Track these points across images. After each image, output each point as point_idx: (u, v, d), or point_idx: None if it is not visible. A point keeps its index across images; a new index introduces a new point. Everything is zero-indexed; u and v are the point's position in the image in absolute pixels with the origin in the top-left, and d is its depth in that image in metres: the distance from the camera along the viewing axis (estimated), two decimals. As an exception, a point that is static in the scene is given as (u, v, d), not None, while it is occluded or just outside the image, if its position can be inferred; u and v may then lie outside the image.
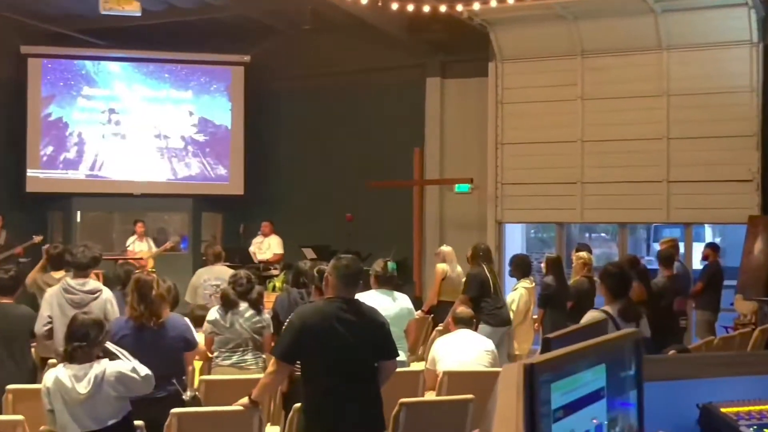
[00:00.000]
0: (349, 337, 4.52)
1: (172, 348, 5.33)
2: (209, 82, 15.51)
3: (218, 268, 8.76)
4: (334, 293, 4.63)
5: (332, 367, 4.53)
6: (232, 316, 6.57)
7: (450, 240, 12.87)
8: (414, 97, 14.24)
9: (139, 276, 5.44)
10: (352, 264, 4.66)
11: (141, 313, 5.25)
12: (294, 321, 4.65)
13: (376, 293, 6.67)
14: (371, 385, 4.65)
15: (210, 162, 15.41)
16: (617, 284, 5.54)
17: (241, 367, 6.51)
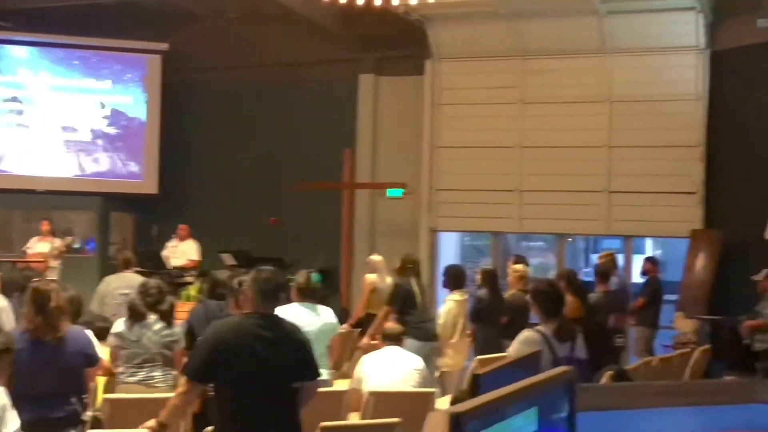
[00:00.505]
0: (267, 356, 4.46)
1: (72, 364, 5.18)
2: (123, 71, 15.21)
3: (128, 276, 8.58)
4: (253, 308, 4.57)
5: (248, 388, 4.45)
6: (140, 329, 6.42)
7: (381, 247, 12.86)
8: (346, 95, 14.19)
9: (36, 285, 5.27)
10: (273, 277, 4.60)
11: (37, 325, 5.09)
12: (208, 337, 4.56)
13: (298, 307, 6.61)
14: (290, 407, 4.59)
15: (122, 158, 15.11)
16: (550, 303, 5.60)
17: (148, 384, 6.36)
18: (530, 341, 5.41)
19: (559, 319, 5.54)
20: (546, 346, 5.36)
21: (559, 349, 5.41)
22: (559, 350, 5.41)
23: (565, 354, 5.42)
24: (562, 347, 5.44)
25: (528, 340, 5.44)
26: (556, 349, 5.40)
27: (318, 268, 12.24)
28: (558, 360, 5.32)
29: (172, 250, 13.19)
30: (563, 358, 5.36)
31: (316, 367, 4.78)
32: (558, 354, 5.39)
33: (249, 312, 4.59)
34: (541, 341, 5.38)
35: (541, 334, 5.43)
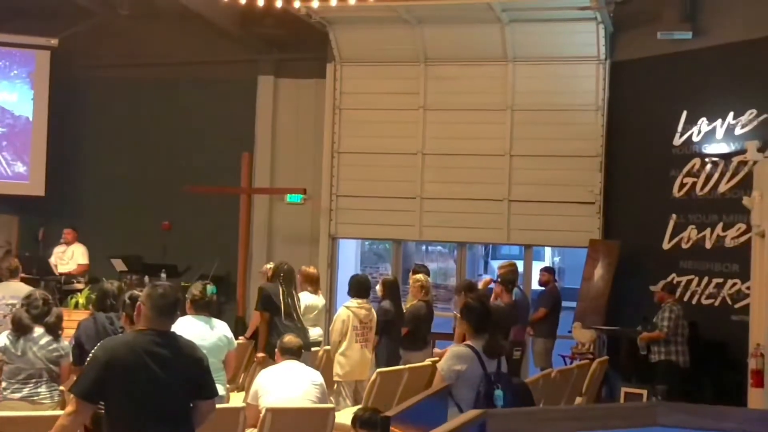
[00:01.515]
0: (162, 374, 4.35)
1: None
2: (9, 67, 14.71)
3: (15, 285, 8.30)
4: (147, 324, 4.45)
5: (141, 408, 4.34)
6: (25, 343, 6.24)
7: (279, 254, 12.77)
8: (244, 96, 14.05)
9: None
10: (169, 293, 4.50)
11: None
12: (98, 355, 4.43)
13: (193, 320, 6.50)
14: (185, 427, 4.50)
15: (7, 157, 14.61)
16: (479, 319, 5.69)
17: (33, 401, 6.20)
18: (462, 356, 5.50)
19: (487, 335, 5.61)
20: (476, 361, 5.45)
21: (488, 364, 5.49)
22: (488, 365, 5.48)
23: (494, 369, 5.49)
24: (491, 363, 5.52)
25: (459, 354, 5.52)
26: (486, 364, 5.48)
27: (212, 276, 12.10)
28: (488, 375, 5.41)
29: (59, 256, 12.79)
30: (492, 374, 5.44)
31: (214, 385, 4.69)
32: (488, 369, 5.46)
33: (143, 328, 4.47)
34: (472, 356, 5.46)
35: (472, 350, 5.50)
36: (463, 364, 5.46)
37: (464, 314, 5.80)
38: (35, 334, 6.25)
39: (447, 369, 5.48)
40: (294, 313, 8.35)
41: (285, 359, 6.69)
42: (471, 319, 5.72)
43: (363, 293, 8.82)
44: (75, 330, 6.74)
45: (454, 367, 5.47)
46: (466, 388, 5.40)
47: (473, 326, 5.68)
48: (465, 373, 5.45)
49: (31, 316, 6.29)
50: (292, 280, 8.54)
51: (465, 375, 5.45)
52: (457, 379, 5.46)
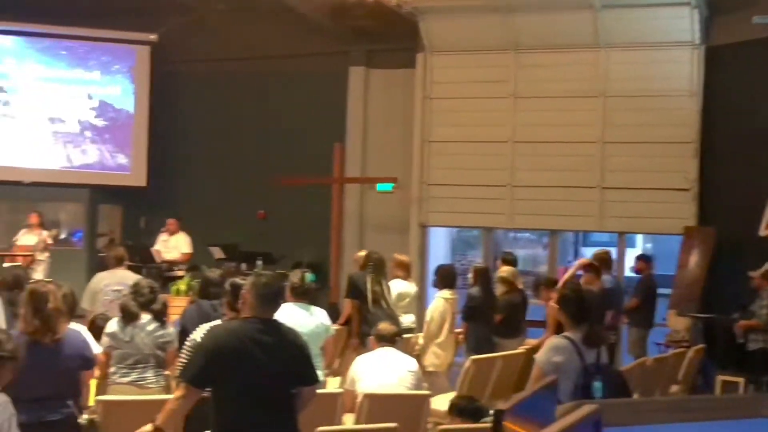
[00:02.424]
0: (266, 361, 4.47)
1: (69, 367, 5.17)
2: (111, 62, 15.14)
3: (121, 273, 8.55)
4: (251, 313, 4.57)
5: (246, 393, 4.46)
6: (133, 329, 6.43)
7: (370, 242, 12.87)
8: (336, 88, 14.16)
9: (34, 287, 5.25)
10: (272, 282, 4.61)
11: (36, 328, 5.08)
12: (206, 342, 4.57)
13: (292, 307, 6.62)
14: (288, 412, 4.60)
15: (110, 149, 15.06)
16: (578, 309, 5.53)
17: (140, 385, 6.37)
18: (560, 348, 5.35)
19: (587, 325, 5.47)
20: (574, 352, 5.32)
21: (587, 355, 5.36)
22: (587, 357, 5.37)
23: (593, 361, 5.37)
24: (590, 353, 5.38)
25: (557, 346, 5.37)
26: (585, 355, 5.35)
27: (307, 263, 12.27)
28: (586, 366, 5.30)
29: (164, 244, 13.18)
30: (591, 365, 5.32)
31: (315, 371, 4.80)
32: (586, 360, 5.34)
33: (247, 316, 4.59)
34: (570, 348, 5.35)
35: (569, 341, 5.39)
36: (561, 356, 5.36)
37: (562, 305, 5.69)
38: (142, 320, 6.44)
39: (545, 361, 5.40)
40: (382, 301, 8.42)
41: (380, 346, 6.77)
42: (568, 309, 5.59)
43: (451, 283, 8.86)
44: (179, 316, 6.96)
45: (552, 359, 5.38)
46: (565, 380, 5.29)
47: (571, 317, 5.56)
48: (563, 365, 5.33)
49: (138, 304, 6.47)
50: (381, 268, 8.62)
51: (563, 367, 5.33)
52: (555, 371, 5.37)
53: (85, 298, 8.54)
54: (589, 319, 5.55)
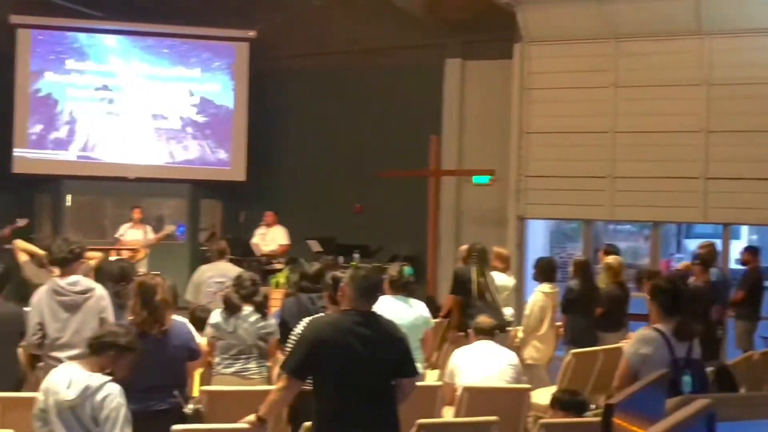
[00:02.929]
0: (366, 353, 4.49)
1: (175, 357, 5.29)
2: (211, 59, 15.42)
3: (223, 265, 8.73)
4: (350, 305, 4.60)
5: (346, 385, 4.50)
6: (236, 321, 6.54)
7: (467, 235, 12.83)
8: (432, 80, 14.14)
9: (143, 279, 5.41)
10: (371, 275, 4.63)
11: (143, 319, 5.22)
12: (306, 334, 4.62)
13: (391, 299, 6.63)
14: (388, 404, 4.62)
15: (210, 145, 15.35)
16: (670, 301, 5.38)
17: (243, 376, 6.48)
18: (648, 340, 5.23)
19: (678, 317, 5.34)
20: (664, 345, 5.20)
21: (677, 348, 5.24)
22: (677, 350, 5.24)
23: (683, 355, 5.24)
24: (681, 347, 5.25)
25: (645, 338, 5.26)
26: (675, 348, 5.22)
27: (403, 256, 12.29)
28: (676, 360, 5.17)
29: (261, 237, 13.38)
30: (681, 359, 5.19)
31: (414, 363, 4.80)
32: (676, 354, 5.22)
33: (347, 309, 4.62)
34: (659, 340, 5.23)
35: (659, 333, 5.27)
36: (648, 348, 5.23)
37: (653, 296, 5.57)
38: (244, 312, 6.55)
39: (632, 353, 5.29)
40: (487, 293, 8.39)
41: (479, 339, 6.74)
42: (660, 301, 5.46)
43: (551, 276, 8.78)
44: (278, 309, 7.05)
45: (639, 351, 5.26)
46: (653, 373, 5.18)
47: (662, 308, 5.43)
48: (651, 358, 5.20)
49: (240, 296, 6.59)
50: (485, 259, 8.59)
51: (651, 359, 5.19)
52: (642, 364, 5.24)
53: (189, 290, 8.75)
54: (682, 311, 5.40)
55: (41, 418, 4.55)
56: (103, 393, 4.49)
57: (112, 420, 4.46)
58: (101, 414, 4.45)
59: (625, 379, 5.26)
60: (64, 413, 4.48)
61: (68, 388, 4.47)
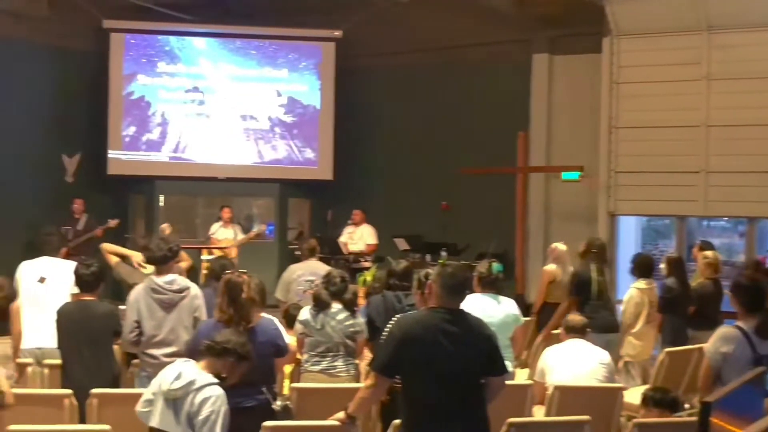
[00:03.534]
0: (454, 351, 4.45)
1: (262, 354, 5.34)
2: (298, 59, 15.55)
3: (313, 263, 8.79)
4: (438, 303, 4.57)
5: (435, 383, 4.47)
6: (324, 318, 6.58)
7: (556, 232, 12.71)
8: (519, 76, 14.02)
9: (229, 277, 5.47)
10: (458, 272, 4.59)
11: (230, 316, 5.29)
12: (394, 332, 4.60)
13: (480, 297, 6.59)
14: (477, 402, 4.58)
15: (298, 145, 15.48)
16: (752, 298, 5.27)
17: (331, 374, 6.51)
18: (728, 338, 5.15)
19: (761, 314, 5.22)
20: (746, 343, 5.09)
21: (760, 346, 5.11)
22: (760, 348, 5.11)
23: (766, 352, 5.12)
24: (764, 345, 5.13)
25: (726, 336, 5.16)
26: (757, 346, 5.11)
27: (491, 254, 12.20)
28: (759, 358, 5.04)
29: (349, 236, 13.45)
30: (765, 357, 5.07)
31: (503, 361, 4.74)
32: (759, 352, 5.09)
33: (434, 306, 4.59)
34: (740, 338, 5.11)
35: (740, 331, 5.15)
36: (729, 346, 5.10)
37: (734, 293, 5.42)
38: (333, 309, 6.58)
39: (713, 351, 5.16)
40: (605, 293, 8.33)
41: (570, 338, 6.64)
42: (741, 298, 5.32)
43: (648, 272, 8.61)
44: (364, 307, 7.07)
45: (720, 349, 5.13)
46: (732, 372, 5.03)
47: (744, 306, 5.29)
48: (732, 356, 5.08)
49: (329, 293, 6.63)
50: (603, 255, 8.50)
51: (731, 357, 5.08)
52: (723, 362, 5.12)
53: (279, 288, 8.84)
54: (763, 308, 5.25)
55: (149, 401, 4.72)
56: (205, 393, 4.57)
57: (211, 422, 4.53)
58: (200, 414, 4.53)
59: (706, 379, 5.16)
60: (168, 403, 4.61)
61: (176, 380, 4.60)
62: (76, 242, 12.61)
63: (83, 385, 5.68)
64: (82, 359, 6.00)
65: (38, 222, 11.52)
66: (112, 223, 12.93)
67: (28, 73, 13.83)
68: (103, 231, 12.81)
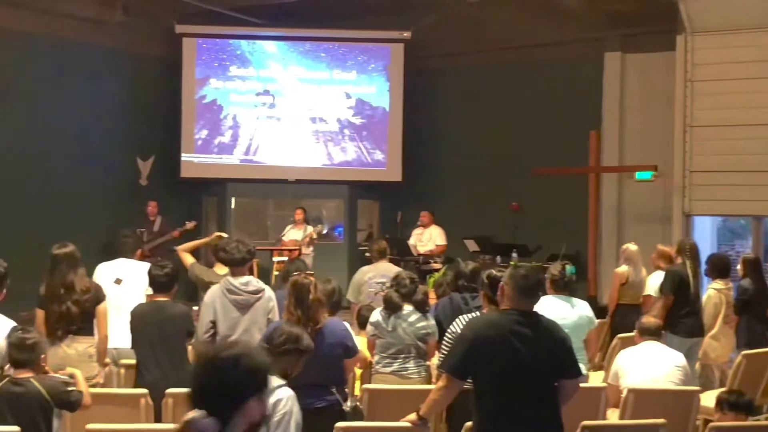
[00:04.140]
0: (527, 354, 4.42)
1: (331, 355, 5.37)
2: (367, 61, 15.59)
3: (383, 265, 8.81)
4: (510, 305, 4.54)
5: (507, 386, 4.44)
6: (395, 320, 6.58)
7: (629, 233, 12.55)
8: (590, 75, 13.87)
9: (296, 279, 5.51)
10: (531, 274, 4.55)
11: (298, 318, 5.32)
12: (466, 334, 4.59)
13: (553, 299, 6.53)
14: (550, 405, 4.53)
15: (367, 146, 15.52)
16: None
17: (402, 375, 6.51)
18: None
19: None
20: None
21: None
22: None
23: None
24: None
25: None
26: None
27: (563, 255, 12.09)
28: None
29: (418, 237, 13.44)
30: None
31: (577, 364, 4.69)
32: None
33: (506, 308, 4.56)
34: None
35: None
36: None
37: None
38: (404, 311, 6.59)
39: None
40: (699, 295, 8.28)
41: (644, 340, 6.54)
42: None
43: (725, 273, 8.46)
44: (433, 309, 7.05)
45: None
46: None
47: None
48: None
49: (400, 295, 6.63)
50: (697, 256, 8.37)
51: None
52: None
53: (350, 290, 8.88)
54: None
55: None
56: (277, 395, 4.59)
57: (285, 423, 4.55)
58: (273, 416, 4.55)
59: None
60: None
61: None
62: (151, 244, 12.84)
63: (158, 385, 5.78)
64: (156, 359, 6.08)
65: (114, 224, 11.79)
66: (189, 225, 13.11)
67: (105, 77, 14.14)
68: (180, 233, 13.00)
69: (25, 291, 6.42)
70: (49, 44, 13.35)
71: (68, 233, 10.51)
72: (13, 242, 12.20)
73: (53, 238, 6.76)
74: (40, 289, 6.35)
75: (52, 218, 12.71)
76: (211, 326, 6.18)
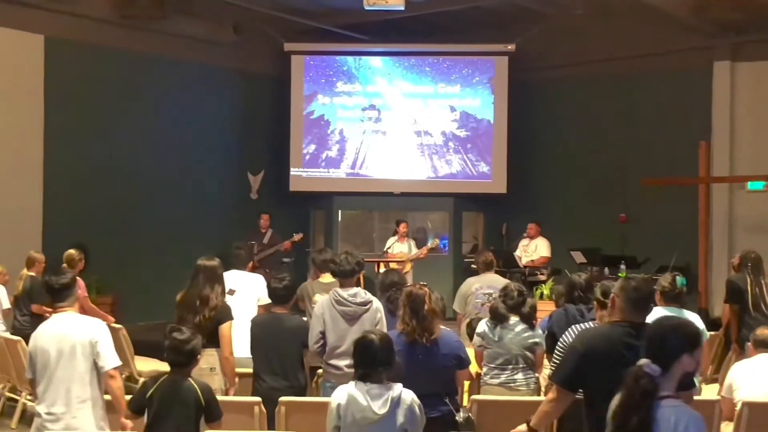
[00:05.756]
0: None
1: (444, 366, 5.39)
2: (471, 74, 15.61)
3: (490, 277, 8.80)
4: (622, 317, 4.48)
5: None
6: (501, 330, 6.57)
7: (741, 244, 12.22)
8: (699, 84, 13.61)
9: (411, 289, 5.56)
10: (642, 286, 4.49)
11: (413, 328, 5.37)
12: (576, 346, 4.55)
13: (664, 311, 6.39)
14: (661, 418, 4.46)
15: (471, 159, 15.52)
16: None
17: (510, 387, 6.47)
18: None
19: None
20: None
21: None
22: None
23: None
24: None
25: None
26: None
27: (672, 267, 11.83)
28: None
29: (524, 249, 13.34)
30: None
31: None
32: None
33: (618, 320, 4.51)
34: None
35: None
36: None
37: None
38: (511, 322, 6.57)
39: None
40: (762, 304, 7.97)
41: (759, 352, 6.37)
42: None
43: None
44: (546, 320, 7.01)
45: None
46: None
47: None
48: None
49: (507, 306, 6.61)
50: (759, 268, 8.17)
51: None
52: None
53: (457, 301, 8.90)
54: None
55: (338, 428, 4.66)
56: (407, 400, 4.65)
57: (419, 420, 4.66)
58: (414, 418, 4.63)
59: None
60: (367, 428, 4.59)
61: (373, 402, 4.58)
62: (261, 255, 13.11)
63: (271, 394, 5.90)
64: (271, 369, 6.23)
65: (226, 237, 12.08)
66: (297, 237, 13.35)
67: (217, 95, 14.59)
68: (290, 244, 13.27)
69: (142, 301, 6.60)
70: (166, 64, 13.84)
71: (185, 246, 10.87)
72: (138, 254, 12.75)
73: (172, 251, 6.99)
74: (177, 297, 6.48)
75: (172, 231, 13.26)
76: (321, 337, 6.28)
